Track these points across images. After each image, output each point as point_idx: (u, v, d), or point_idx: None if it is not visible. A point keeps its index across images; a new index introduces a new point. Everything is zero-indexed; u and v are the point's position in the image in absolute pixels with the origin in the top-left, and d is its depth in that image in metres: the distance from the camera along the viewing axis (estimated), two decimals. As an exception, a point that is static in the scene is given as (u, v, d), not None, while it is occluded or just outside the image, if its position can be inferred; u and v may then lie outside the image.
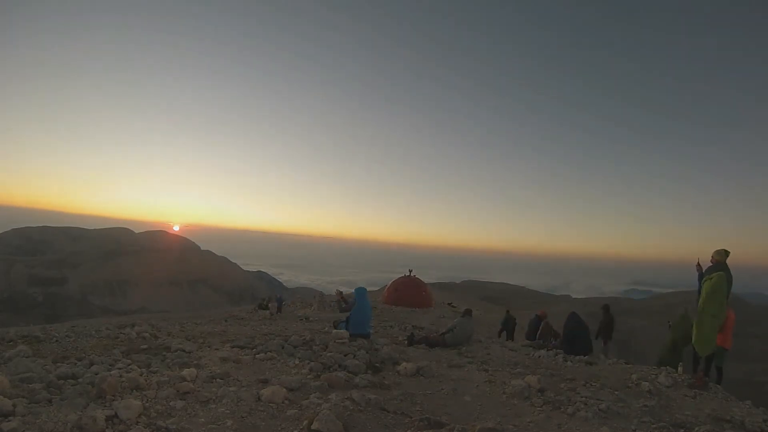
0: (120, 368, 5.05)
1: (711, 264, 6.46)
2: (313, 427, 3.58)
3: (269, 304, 21.35)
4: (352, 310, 8.74)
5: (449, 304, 35.93)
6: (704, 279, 6.37)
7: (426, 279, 36.53)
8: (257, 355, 6.23)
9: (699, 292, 6.48)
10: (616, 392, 5.55)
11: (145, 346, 6.81)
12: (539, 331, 11.72)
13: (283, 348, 6.74)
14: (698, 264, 6.64)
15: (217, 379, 4.86)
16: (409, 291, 30.57)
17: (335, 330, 9.30)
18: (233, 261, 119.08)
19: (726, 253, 6.37)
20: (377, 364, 6.20)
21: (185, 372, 4.83)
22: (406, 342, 9.13)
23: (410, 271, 32.48)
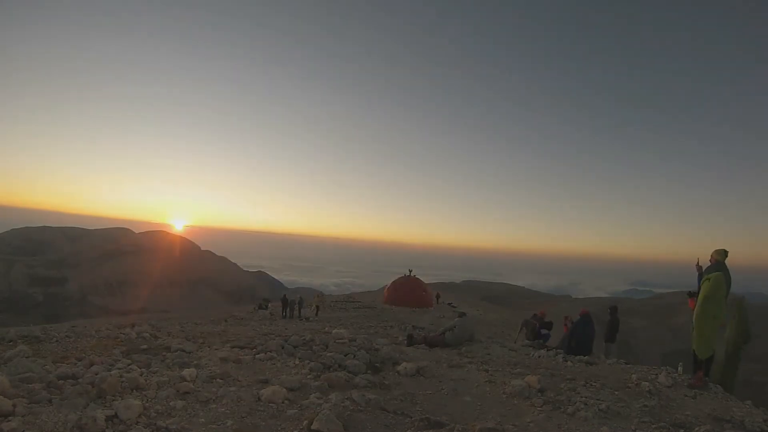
0: (120, 368, 5.05)
1: (710, 264, 6.45)
2: (313, 427, 3.58)
3: (287, 307, 20.60)
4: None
5: (449, 304, 35.94)
6: (702, 279, 6.35)
7: (426, 279, 36.53)
8: (257, 355, 6.23)
9: (698, 292, 6.47)
10: (616, 392, 5.55)
11: (145, 346, 6.81)
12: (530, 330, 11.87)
13: (283, 348, 6.75)
14: (698, 264, 6.63)
15: (217, 379, 4.87)
16: (409, 291, 30.58)
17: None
18: (233, 261, 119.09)
19: (725, 253, 6.36)
20: (377, 364, 6.20)
21: (185, 372, 4.84)
22: (405, 342, 9.13)
23: (410, 271, 32.49)
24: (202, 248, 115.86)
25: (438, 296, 36.28)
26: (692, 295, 6.51)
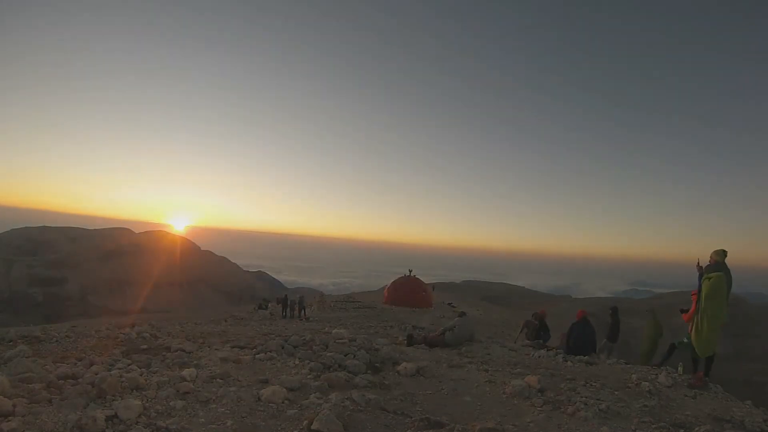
0: (120, 368, 5.05)
1: (709, 264, 6.47)
2: (313, 427, 3.58)
3: (287, 308, 20.43)
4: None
5: (449, 304, 35.94)
6: (703, 279, 6.37)
7: (426, 279, 36.54)
8: (257, 355, 6.23)
9: (698, 293, 6.49)
10: (616, 392, 5.55)
11: (145, 346, 6.81)
12: (530, 330, 11.84)
13: (283, 348, 6.75)
14: (698, 264, 6.64)
15: (217, 379, 4.86)
16: (409, 291, 30.57)
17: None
18: (233, 261, 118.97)
19: (724, 253, 6.38)
20: (377, 364, 6.20)
21: (185, 372, 4.84)
22: (405, 342, 9.13)
23: (410, 271, 32.47)
24: (202, 248, 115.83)
25: (433, 287, 36.82)
26: (685, 311, 6.87)
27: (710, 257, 6.47)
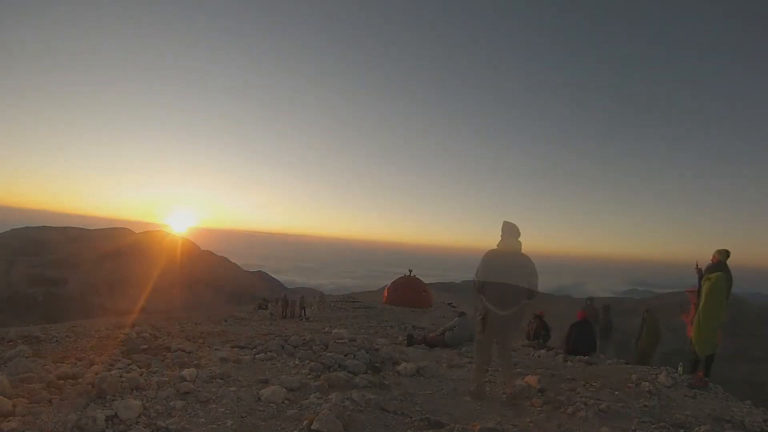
0: (120, 368, 5.04)
1: (711, 263, 6.48)
2: (313, 427, 3.58)
3: (287, 308, 20.40)
4: None
5: (449, 304, 35.94)
6: (703, 279, 6.37)
7: (426, 279, 36.49)
8: (257, 355, 6.23)
9: (699, 293, 6.50)
10: (616, 392, 5.55)
11: (145, 346, 6.80)
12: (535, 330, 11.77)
13: (283, 348, 6.74)
14: (697, 266, 6.66)
15: (217, 379, 4.86)
16: (409, 291, 30.55)
17: None
18: (233, 261, 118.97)
19: (727, 253, 6.38)
20: (377, 364, 6.20)
21: (185, 372, 4.83)
22: (405, 342, 9.14)
23: (410, 271, 32.47)
24: (202, 248, 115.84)
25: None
26: (684, 309, 6.81)
27: (712, 256, 6.48)
